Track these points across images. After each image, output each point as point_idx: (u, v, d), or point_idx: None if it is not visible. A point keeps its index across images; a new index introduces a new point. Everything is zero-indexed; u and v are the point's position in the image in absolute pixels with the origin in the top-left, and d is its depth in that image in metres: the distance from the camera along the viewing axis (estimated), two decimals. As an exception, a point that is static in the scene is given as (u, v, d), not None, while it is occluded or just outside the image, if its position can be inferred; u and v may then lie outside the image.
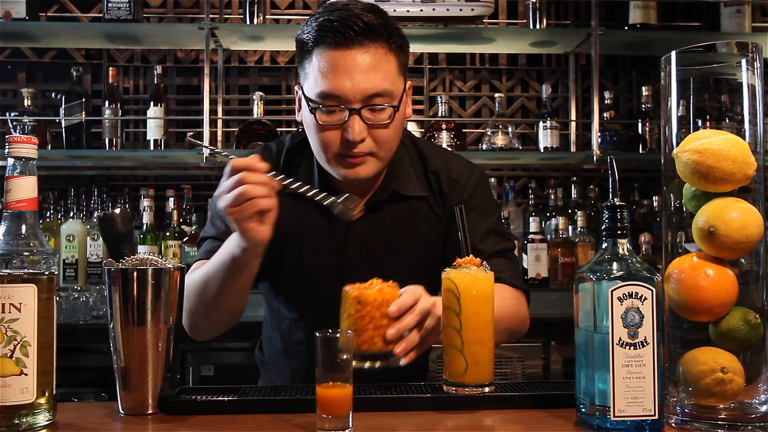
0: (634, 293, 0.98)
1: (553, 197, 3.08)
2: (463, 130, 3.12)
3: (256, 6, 2.92)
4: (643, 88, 3.07)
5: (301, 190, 1.28)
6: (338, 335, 1.02)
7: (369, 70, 1.30)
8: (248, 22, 2.92)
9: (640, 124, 3.03)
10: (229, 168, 1.19)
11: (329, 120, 1.33)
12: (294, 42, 1.41)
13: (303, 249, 1.46)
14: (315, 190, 1.30)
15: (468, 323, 1.16)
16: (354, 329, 1.16)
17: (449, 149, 1.70)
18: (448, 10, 2.87)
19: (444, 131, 2.97)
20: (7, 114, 2.84)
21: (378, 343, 1.17)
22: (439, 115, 3.03)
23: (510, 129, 3.06)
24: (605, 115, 3.03)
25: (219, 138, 3.02)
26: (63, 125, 2.90)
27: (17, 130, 2.78)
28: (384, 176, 1.46)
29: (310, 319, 1.48)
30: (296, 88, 1.43)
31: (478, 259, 1.20)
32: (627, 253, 1.03)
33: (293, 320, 1.54)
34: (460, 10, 2.87)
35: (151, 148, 2.92)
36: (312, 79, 1.33)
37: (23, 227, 1.07)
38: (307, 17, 1.37)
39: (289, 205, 1.38)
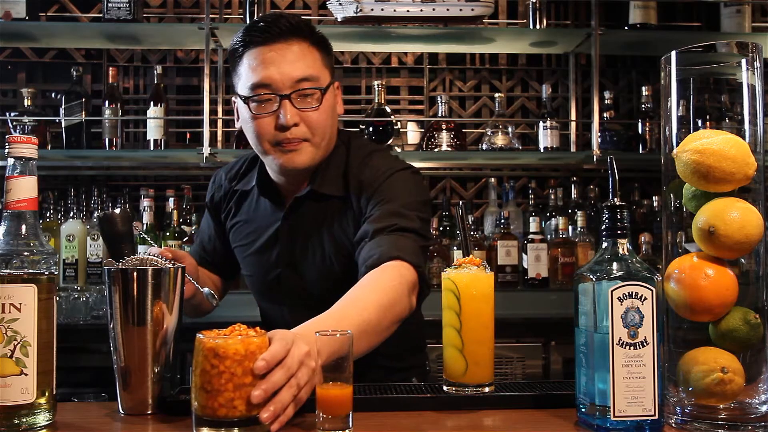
0: (634, 293, 0.98)
1: (553, 197, 3.08)
2: (463, 130, 3.12)
3: (256, 6, 2.92)
4: (643, 88, 3.07)
5: None
6: (338, 335, 1.02)
7: (295, 60, 1.41)
8: (248, 22, 2.91)
9: (640, 124, 3.03)
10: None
11: (263, 109, 1.43)
12: None
13: (252, 241, 1.61)
14: None
15: (468, 323, 1.16)
16: (208, 389, 0.95)
17: (379, 148, 1.66)
18: (448, 10, 2.87)
19: (444, 131, 2.97)
20: (7, 114, 2.84)
21: (239, 407, 0.95)
22: (439, 115, 3.03)
23: (510, 129, 3.06)
24: (605, 115, 3.03)
25: (219, 138, 3.02)
26: (63, 125, 2.90)
27: (17, 130, 2.78)
28: (310, 179, 1.52)
29: (263, 302, 1.68)
30: (233, 99, 1.53)
31: (478, 259, 1.20)
32: (627, 253, 1.03)
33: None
34: (460, 10, 2.87)
35: (151, 148, 2.92)
36: (244, 77, 1.44)
37: (23, 227, 1.07)
38: (237, 33, 1.48)
39: (246, 200, 1.60)
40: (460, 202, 1.35)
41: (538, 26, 2.99)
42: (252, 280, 1.67)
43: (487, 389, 1.18)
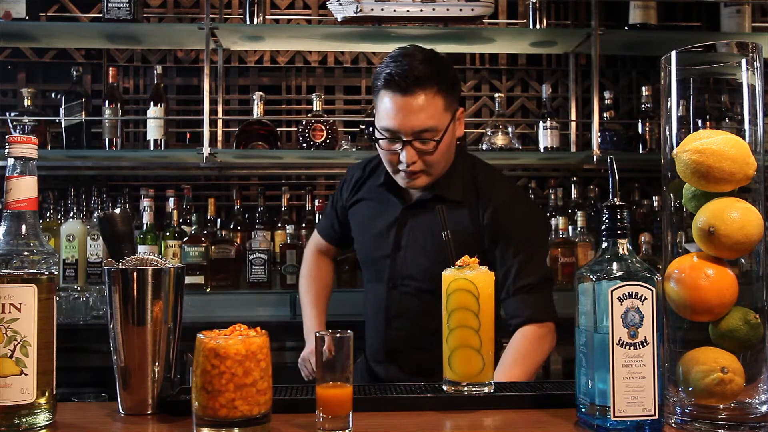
0: (634, 293, 0.98)
1: (553, 197, 3.08)
2: (464, 130, 3.11)
3: (256, 6, 2.91)
4: (643, 88, 3.07)
5: None
6: (338, 335, 1.02)
7: (418, 112, 1.65)
8: (248, 22, 2.92)
9: (640, 124, 3.03)
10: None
11: (390, 147, 1.72)
12: (293, 42, 1.58)
13: (372, 219, 1.88)
14: None
15: (486, 322, 1.17)
16: (209, 390, 0.96)
17: (500, 171, 1.97)
18: (448, 10, 2.87)
19: (444, 131, 2.97)
20: (7, 114, 2.84)
21: (240, 407, 0.96)
22: (439, 115, 3.03)
23: (510, 129, 3.06)
24: (605, 115, 3.03)
25: (219, 138, 3.01)
26: (63, 125, 2.90)
27: (17, 130, 2.78)
28: (434, 184, 1.79)
29: (372, 281, 1.92)
30: (374, 111, 1.79)
31: (476, 258, 1.21)
32: (627, 253, 1.03)
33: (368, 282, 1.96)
34: (460, 10, 2.87)
35: (151, 148, 2.92)
36: (379, 115, 1.72)
37: (23, 227, 1.07)
38: (385, 59, 1.72)
39: (374, 187, 1.89)
40: (439, 205, 1.40)
41: (538, 26, 2.99)
42: (362, 254, 1.96)
43: (486, 389, 1.18)
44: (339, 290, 2.48)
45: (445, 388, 1.20)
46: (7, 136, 1.10)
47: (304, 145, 2.87)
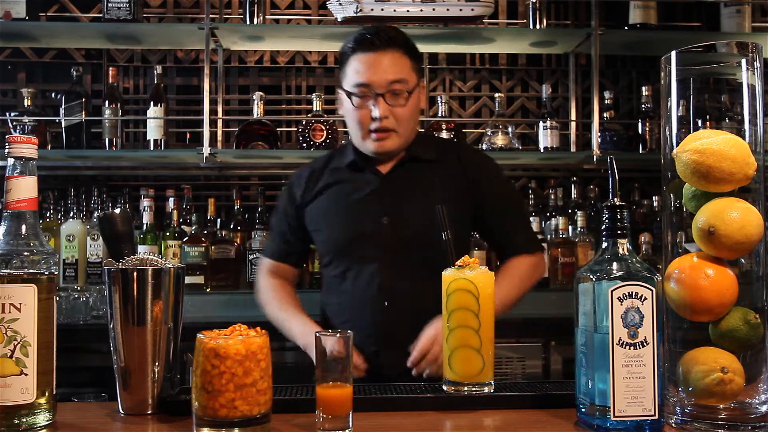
0: (634, 293, 0.98)
1: (553, 197, 3.08)
2: (463, 130, 3.12)
3: (256, 6, 2.91)
4: (643, 88, 3.07)
5: None
6: (338, 335, 1.02)
7: (389, 65, 1.78)
8: (248, 22, 2.92)
9: (640, 124, 3.03)
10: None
11: (362, 103, 1.79)
12: (293, 42, 1.70)
13: (349, 194, 1.86)
14: None
15: (486, 322, 1.17)
16: (209, 390, 0.96)
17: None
18: (448, 10, 2.87)
19: (444, 131, 2.97)
20: (7, 114, 2.84)
21: (240, 407, 0.96)
22: (439, 115, 3.03)
23: (510, 129, 3.06)
24: (605, 115, 3.03)
25: (219, 138, 3.02)
26: (63, 125, 2.90)
27: (17, 130, 2.78)
28: (405, 150, 1.88)
29: (354, 266, 1.83)
30: (338, 90, 1.88)
31: (476, 258, 1.22)
32: (627, 253, 1.03)
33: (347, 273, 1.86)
34: (460, 10, 2.87)
35: (151, 148, 2.91)
36: (350, 76, 1.80)
37: (23, 227, 1.07)
38: (348, 38, 1.84)
39: (341, 174, 1.88)
40: (439, 205, 1.40)
41: (538, 26, 2.99)
42: (339, 238, 1.86)
43: (486, 389, 1.18)
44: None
45: (445, 388, 1.20)
46: (7, 136, 1.10)
47: (304, 145, 2.87)
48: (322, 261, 1.93)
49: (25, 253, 1.06)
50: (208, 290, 2.76)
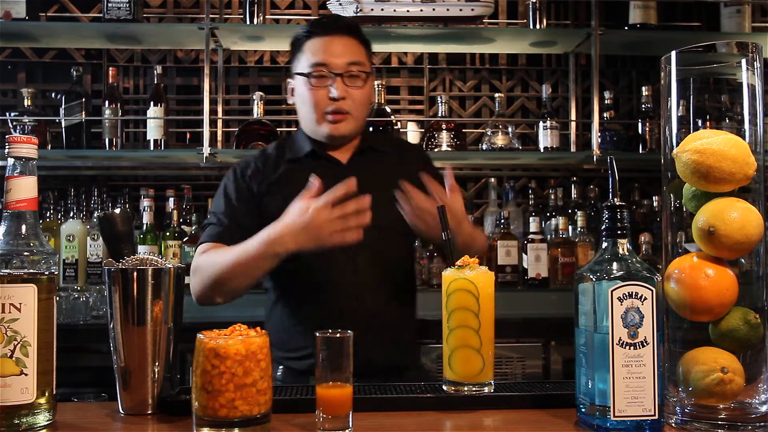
0: (634, 293, 0.98)
1: (553, 197, 3.08)
2: (463, 130, 3.12)
3: (256, 6, 2.91)
4: (643, 88, 3.07)
5: None
6: (338, 335, 1.02)
7: (347, 49, 1.78)
8: (248, 22, 2.92)
9: (640, 124, 3.03)
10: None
11: (319, 83, 1.76)
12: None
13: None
14: None
15: (486, 322, 1.17)
16: (209, 390, 0.96)
17: None
18: (448, 10, 2.87)
19: (444, 131, 2.97)
20: (7, 114, 2.84)
21: (240, 407, 0.96)
22: (439, 115, 3.03)
23: (510, 129, 3.06)
24: (605, 115, 3.03)
25: (219, 138, 3.02)
26: (63, 125, 2.90)
27: (17, 130, 2.78)
28: (360, 140, 1.88)
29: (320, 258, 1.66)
30: (289, 80, 1.87)
31: (476, 258, 1.22)
32: (627, 253, 1.03)
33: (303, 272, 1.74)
34: (460, 10, 2.87)
35: (151, 148, 2.91)
36: (306, 59, 1.78)
37: (23, 227, 1.07)
38: (301, 26, 1.84)
39: (302, 162, 1.82)
40: (440, 206, 1.40)
41: (538, 26, 2.99)
42: None
43: (486, 389, 1.18)
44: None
45: (445, 388, 1.20)
46: (7, 136, 1.10)
47: (304, 145, 2.87)
48: None
49: (25, 253, 1.06)
50: (208, 290, 2.75)
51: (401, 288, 1.82)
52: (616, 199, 1.05)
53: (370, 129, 2.89)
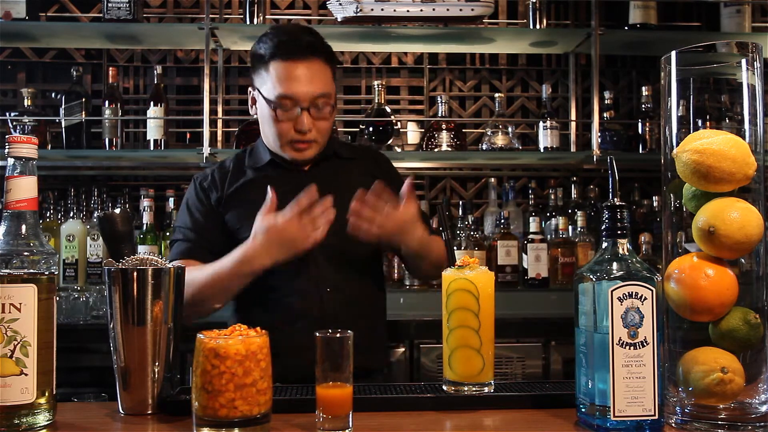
0: (634, 293, 0.98)
1: (553, 197, 3.08)
2: (463, 130, 3.12)
3: (256, 6, 2.92)
4: (643, 88, 3.07)
5: None
6: (338, 335, 1.02)
7: (315, 78, 1.73)
8: (248, 22, 2.92)
9: (640, 124, 3.03)
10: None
11: (285, 115, 1.74)
12: None
13: (278, 199, 1.66)
14: None
15: (485, 322, 1.17)
16: (209, 390, 0.96)
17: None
18: (448, 10, 2.87)
19: (444, 131, 2.97)
20: (7, 114, 2.84)
21: (240, 407, 0.96)
22: (439, 115, 3.03)
23: (510, 129, 3.06)
24: (605, 115, 3.03)
25: (219, 138, 3.01)
26: (63, 125, 2.90)
27: (17, 130, 2.78)
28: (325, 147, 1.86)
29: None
30: (250, 89, 1.84)
31: (476, 258, 1.22)
32: (627, 253, 1.03)
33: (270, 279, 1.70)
34: (460, 10, 2.87)
35: (151, 148, 2.92)
36: (270, 85, 1.74)
37: (23, 227, 1.08)
38: (262, 36, 1.78)
39: (265, 170, 1.83)
40: (442, 202, 1.39)
41: (538, 26, 2.99)
42: None
43: (486, 389, 1.18)
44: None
45: (445, 388, 1.20)
46: (7, 136, 1.10)
47: (304, 145, 2.87)
48: None
49: (25, 253, 1.06)
50: (208, 290, 2.75)
51: (367, 291, 1.82)
52: (616, 199, 1.05)
53: (370, 129, 2.90)
